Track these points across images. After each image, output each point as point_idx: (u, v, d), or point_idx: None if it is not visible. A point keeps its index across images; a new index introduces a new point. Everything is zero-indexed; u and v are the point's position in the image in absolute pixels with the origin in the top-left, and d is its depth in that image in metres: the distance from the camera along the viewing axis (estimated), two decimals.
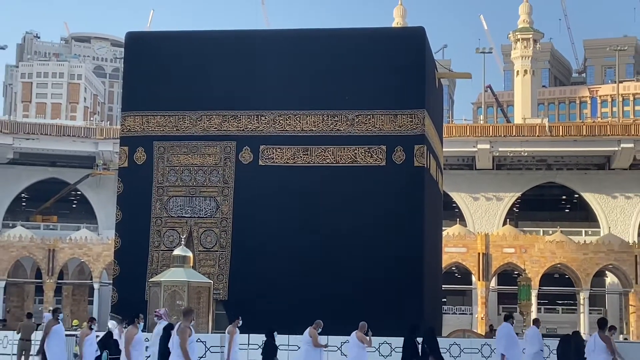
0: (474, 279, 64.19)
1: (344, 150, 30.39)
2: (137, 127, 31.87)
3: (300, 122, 30.87)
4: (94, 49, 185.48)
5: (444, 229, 48.47)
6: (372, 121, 30.36)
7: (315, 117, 30.80)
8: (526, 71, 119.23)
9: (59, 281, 68.49)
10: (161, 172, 31.25)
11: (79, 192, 79.91)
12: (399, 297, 28.32)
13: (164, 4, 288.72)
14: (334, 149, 30.47)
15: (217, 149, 31.07)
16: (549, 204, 78.59)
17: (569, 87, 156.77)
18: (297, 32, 34.84)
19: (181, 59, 31.99)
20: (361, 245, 29.37)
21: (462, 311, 69.90)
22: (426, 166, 30.47)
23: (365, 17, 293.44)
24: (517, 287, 59.32)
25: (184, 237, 29.38)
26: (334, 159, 30.46)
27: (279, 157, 30.80)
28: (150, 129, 31.67)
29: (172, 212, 30.93)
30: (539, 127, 73.43)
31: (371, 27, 39.22)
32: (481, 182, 74.85)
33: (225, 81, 31.45)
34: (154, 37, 35.85)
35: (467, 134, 72.41)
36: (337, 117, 30.62)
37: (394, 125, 30.21)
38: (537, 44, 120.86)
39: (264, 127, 30.98)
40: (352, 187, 29.99)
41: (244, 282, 29.45)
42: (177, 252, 27.96)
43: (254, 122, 31.08)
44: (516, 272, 64.56)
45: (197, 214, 30.74)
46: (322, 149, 30.56)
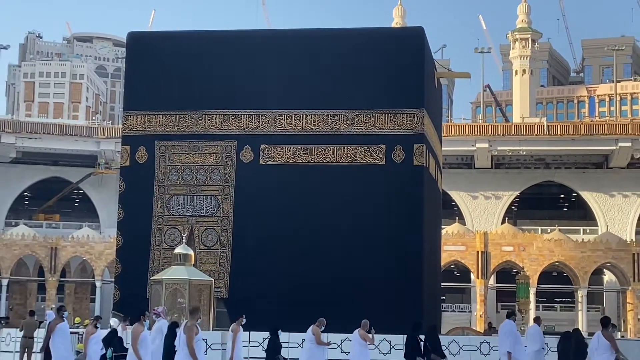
0: (472, 277, 64.20)
1: (344, 149, 30.36)
2: (139, 126, 31.85)
3: (300, 122, 30.86)
4: (96, 48, 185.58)
5: (443, 227, 48.46)
6: (372, 120, 30.34)
7: (315, 116, 30.79)
8: (524, 71, 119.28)
9: (62, 279, 68.54)
10: (162, 171, 31.23)
11: (81, 191, 79.93)
12: (398, 295, 28.29)
13: (165, 4, 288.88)
14: (334, 148, 30.45)
15: (218, 148, 31.06)
16: (547, 202, 78.60)
17: (567, 86, 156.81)
18: (298, 32, 34.80)
19: (182, 58, 31.96)
20: (361, 243, 29.35)
21: (461, 309, 69.94)
22: (425, 165, 30.45)
23: (364, 17, 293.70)
24: (515, 285, 59.22)
25: (185, 235, 29.36)
26: (334, 158, 30.44)
27: (279, 156, 30.79)
28: (151, 128, 31.66)
29: (173, 210, 30.91)
30: (537, 126, 73.43)
31: (371, 27, 39.23)
32: (480, 181, 74.85)
33: (226, 81, 31.43)
34: (155, 37, 35.80)
35: (466, 133, 72.42)
36: (337, 116, 30.60)
37: (393, 124, 30.19)
38: (536, 44, 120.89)
39: (264, 126, 30.96)
40: (352, 185, 29.97)
41: (244, 280, 29.44)
42: (178, 250, 27.94)
43: (254, 121, 31.06)
44: (515, 270, 64.54)
45: (198, 213, 30.72)
46: (322, 148, 30.54)
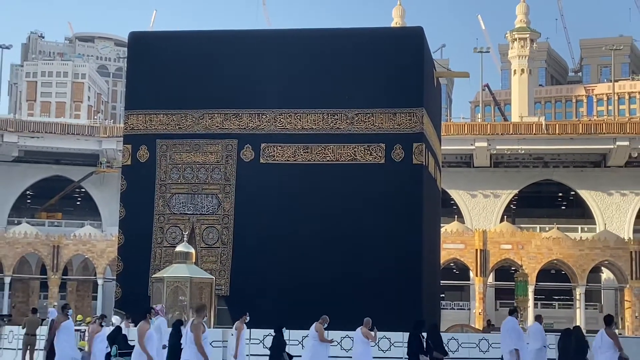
0: (471, 274, 64.23)
1: (344, 148, 30.36)
2: (140, 125, 31.85)
3: (300, 121, 30.87)
4: (98, 48, 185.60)
5: (442, 225, 48.49)
6: (372, 119, 30.34)
7: (315, 115, 30.79)
8: (523, 70, 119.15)
9: (64, 277, 68.58)
10: (164, 170, 31.24)
11: (83, 190, 79.97)
12: (398, 293, 28.30)
13: (166, 4, 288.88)
14: (334, 147, 30.45)
15: (218, 147, 31.06)
16: (545, 201, 78.62)
17: (566, 86, 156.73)
18: (298, 32, 34.80)
19: (183, 58, 31.96)
20: (361, 241, 29.35)
21: (460, 306, 70.00)
22: (425, 164, 30.45)
23: (364, 17, 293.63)
24: (514, 283, 59.31)
25: (187, 233, 29.39)
26: (334, 157, 30.44)
27: (279, 155, 30.80)
28: (153, 127, 31.66)
29: (174, 209, 30.92)
30: (535, 125, 73.44)
31: (370, 27, 39.22)
32: (479, 180, 74.87)
33: (226, 80, 31.44)
34: (156, 37, 35.79)
35: (465, 132, 72.43)
36: (337, 115, 30.60)
37: (393, 123, 30.19)
38: (534, 44, 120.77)
39: (265, 125, 30.97)
40: (351, 184, 29.97)
41: (245, 278, 29.47)
42: (179, 248, 27.97)
43: (255, 120, 31.07)
44: (513, 268, 64.58)
45: (199, 211, 30.73)
46: (322, 147, 30.54)
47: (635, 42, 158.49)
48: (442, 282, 43.35)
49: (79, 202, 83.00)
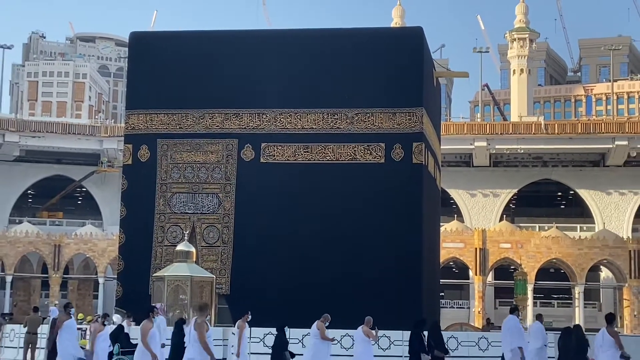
0: (471, 273, 64.26)
1: (344, 147, 30.36)
2: (141, 125, 31.86)
3: (300, 120, 30.86)
4: (99, 48, 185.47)
5: (441, 224, 48.53)
6: (372, 119, 30.34)
7: (315, 115, 30.78)
8: (522, 70, 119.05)
9: (65, 276, 68.63)
10: (164, 169, 31.24)
11: (84, 189, 79.99)
12: (398, 291, 28.31)
13: (167, 5, 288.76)
14: (334, 146, 30.45)
15: (219, 146, 31.07)
16: (544, 200, 78.62)
17: (565, 85, 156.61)
18: (298, 32, 34.79)
19: (184, 58, 31.97)
20: (361, 240, 29.36)
21: (460, 305, 70.02)
22: (424, 163, 30.45)
23: (364, 17, 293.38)
24: (513, 282, 59.40)
25: (187, 232, 29.41)
26: (334, 157, 30.44)
27: (280, 154, 30.80)
28: (153, 127, 31.67)
29: (175, 208, 30.93)
30: (535, 124, 73.44)
31: (370, 27, 39.20)
32: (478, 179, 74.87)
33: (227, 80, 31.44)
34: (157, 37, 35.79)
35: (464, 132, 72.42)
36: (337, 115, 30.60)
37: (392, 123, 30.19)
38: (533, 44, 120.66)
39: (265, 125, 30.97)
40: (351, 183, 29.98)
41: (245, 277, 29.48)
42: (180, 247, 27.97)
43: (255, 120, 31.07)
44: (512, 267, 64.61)
45: (199, 210, 30.74)
46: (322, 147, 30.54)
47: (634, 42, 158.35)
48: (441, 280, 43.34)
49: (80, 202, 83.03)
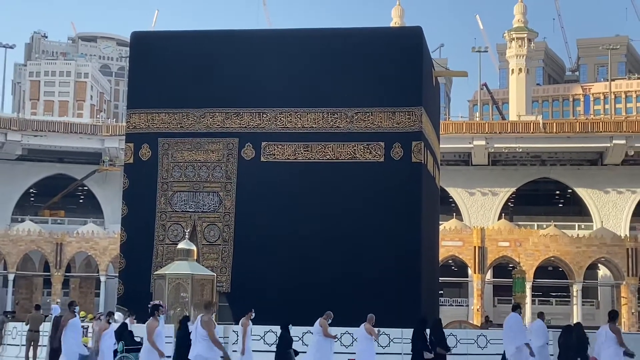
0: (470, 271, 64.29)
1: (344, 146, 30.33)
2: (142, 124, 31.84)
3: (301, 119, 30.85)
4: (100, 48, 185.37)
5: (440, 223, 48.54)
6: (371, 118, 30.33)
7: (315, 114, 30.77)
8: (521, 69, 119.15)
9: (67, 274, 68.66)
10: (166, 168, 31.24)
11: (85, 188, 80.00)
12: (397, 289, 28.29)
13: (168, 5, 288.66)
14: (334, 145, 30.43)
15: (220, 145, 31.05)
16: (543, 198, 78.63)
17: (563, 85, 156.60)
18: (298, 31, 34.76)
19: (185, 57, 31.95)
20: (360, 238, 29.34)
21: (459, 303, 70.04)
22: (423, 162, 30.44)
23: (364, 17, 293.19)
24: (512, 280, 59.46)
25: (188, 231, 29.39)
26: (333, 155, 30.43)
27: (280, 153, 30.79)
28: (155, 126, 31.65)
29: (176, 207, 30.92)
30: (533, 124, 73.43)
31: (370, 27, 39.15)
32: (477, 178, 74.88)
33: (227, 79, 31.43)
34: (158, 37, 35.75)
35: (463, 131, 72.42)
36: (337, 114, 30.58)
37: (392, 122, 30.17)
38: (532, 43, 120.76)
39: (265, 124, 30.96)
40: (351, 182, 29.96)
41: (246, 275, 29.46)
42: (181, 245, 27.94)
43: (255, 119, 31.05)
44: (511, 265, 64.66)
45: (200, 209, 30.73)
46: (322, 146, 30.52)
47: (631, 41, 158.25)
48: (440, 279, 43.35)
49: (81, 200, 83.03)
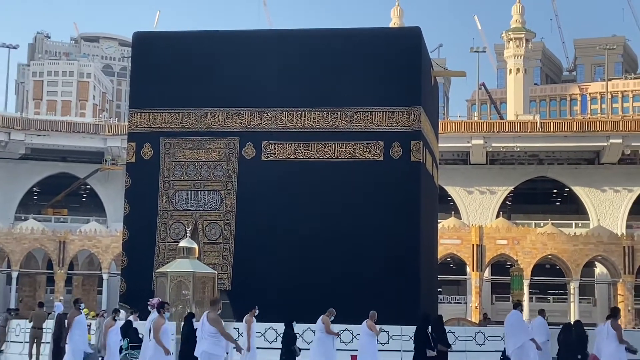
0: (468, 269, 64.24)
1: (343, 145, 30.35)
2: (144, 123, 31.86)
3: (301, 119, 30.86)
4: (103, 48, 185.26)
5: (439, 221, 48.47)
6: (370, 118, 30.34)
7: (315, 113, 30.78)
8: (518, 69, 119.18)
9: (70, 272, 68.63)
10: (167, 167, 31.25)
11: (88, 187, 79.95)
12: (396, 287, 28.31)
13: (169, 5, 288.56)
14: (334, 144, 30.44)
15: (221, 144, 31.07)
16: (540, 197, 78.59)
17: (560, 84, 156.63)
18: (298, 32, 34.76)
19: (186, 58, 31.96)
20: (359, 236, 29.36)
21: (457, 300, 69.99)
22: (422, 161, 30.46)
23: (364, 17, 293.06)
24: (509, 277, 59.39)
25: (190, 229, 29.42)
26: (333, 154, 30.44)
27: (280, 152, 30.80)
28: (156, 126, 31.67)
29: (178, 205, 30.94)
30: (531, 123, 73.38)
31: (369, 27, 39.17)
32: (475, 177, 74.82)
33: (228, 79, 31.44)
34: (160, 37, 35.77)
35: (461, 130, 72.35)
36: (337, 113, 30.60)
37: (391, 121, 30.19)
38: (529, 44, 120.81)
39: (266, 123, 30.97)
40: (351, 181, 29.97)
41: (246, 273, 29.50)
42: (182, 244, 27.96)
43: (256, 118, 31.06)
44: (509, 263, 64.64)
45: (202, 208, 30.75)
46: (322, 145, 30.54)
47: (628, 41, 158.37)
48: (439, 276, 43.34)
49: (84, 199, 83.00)
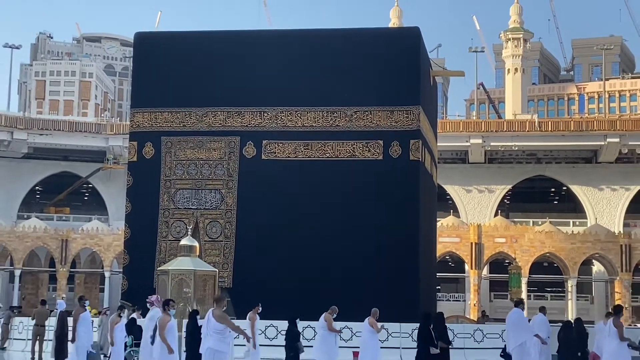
0: (466, 267, 64.25)
1: (343, 144, 30.35)
2: (146, 123, 31.86)
3: (301, 118, 30.85)
4: (105, 48, 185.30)
5: (438, 219, 48.50)
6: (370, 117, 30.34)
7: (315, 113, 30.77)
8: (517, 69, 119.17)
9: (72, 270, 68.64)
10: (169, 166, 31.26)
11: (90, 185, 79.95)
12: (395, 284, 28.32)
13: (170, 6, 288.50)
14: (333, 143, 30.44)
15: (221, 143, 31.07)
16: (538, 196, 78.59)
17: (558, 84, 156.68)
18: (298, 32, 34.75)
19: (187, 58, 31.96)
20: (359, 234, 29.36)
21: (456, 298, 70.01)
22: (421, 160, 30.45)
23: (363, 18, 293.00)
24: (508, 275, 59.45)
25: (191, 227, 29.40)
26: (333, 154, 30.44)
27: (280, 151, 30.80)
28: (158, 125, 31.67)
29: (179, 204, 30.95)
30: (529, 122, 73.34)
31: (369, 27, 39.15)
32: (474, 175, 74.80)
33: (229, 79, 31.44)
34: (161, 37, 35.79)
35: (460, 130, 72.32)
36: (336, 113, 30.60)
37: (390, 121, 30.19)
38: (527, 44, 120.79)
39: (266, 122, 30.97)
40: (350, 180, 29.97)
41: (247, 271, 29.51)
42: (184, 242, 27.87)
43: (257, 118, 31.06)
44: (507, 261, 64.63)
45: (203, 206, 30.76)
46: (322, 144, 30.53)
47: (625, 41, 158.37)
48: (438, 274, 43.37)
49: (86, 198, 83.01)
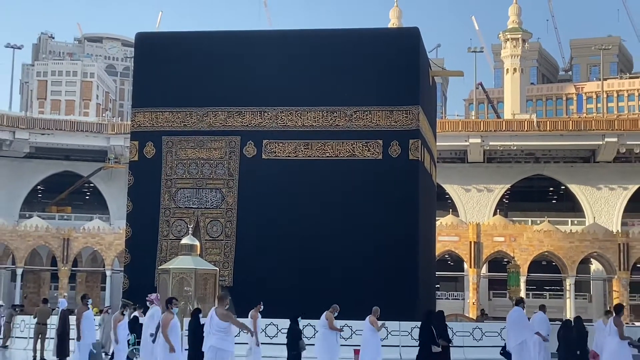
0: (465, 266, 64.25)
1: (343, 144, 30.36)
2: (147, 122, 31.86)
3: (301, 118, 30.86)
4: (106, 48, 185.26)
5: (437, 219, 48.51)
6: (369, 117, 30.34)
7: (315, 113, 30.78)
8: (515, 69, 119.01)
9: (73, 268, 68.62)
10: (169, 166, 31.26)
11: (91, 185, 79.96)
12: (395, 283, 28.33)
13: (171, 6, 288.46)
14: (333, 143, 30.45)
15: (222, 143, 31.07)
16: (537, 195, 78.58)
17: (556, 84, 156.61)
18: (298, 32, 34.73)
19: (188, 58, 31.96)
20: (359, 233, 29.37)
21: (455, 296, 70.02)
22: (420, 159, 30.46)
23: (363, 18, 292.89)
24: (506, 274, 59.46)
25: (191, 226, 29.38)
26: (333, 153, 30.45)
27: (281, 151, 30.81)
28: (159, 125, 31.67)
29: (180, 203, 30.95)
30: (527, 122, 73.32)
31: (369, 27, 39.16)
32: (473, 175, 74.81)
33: (229, 79, 31.43)
34: (162, 37, 35.79)
35: (459, 129, 72.30)
36: (336, 113, 30.60)
37: (390, 120, 30.19)
38: (526, 44, 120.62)
39: (266, 122, 30.97)
40: (350, 179, 29.98)
41: (247, 269, 29.51)
42: (184, 241, 27.93)
43: (257, 117, 31.06)
44: (506, 260, 64.65)
45: (203, 205, 30.77)
46: (322, 144, 30.54)
47: (623, 42, 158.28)
48: (437, 273, 43.38)
49: (88, 197, 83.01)
